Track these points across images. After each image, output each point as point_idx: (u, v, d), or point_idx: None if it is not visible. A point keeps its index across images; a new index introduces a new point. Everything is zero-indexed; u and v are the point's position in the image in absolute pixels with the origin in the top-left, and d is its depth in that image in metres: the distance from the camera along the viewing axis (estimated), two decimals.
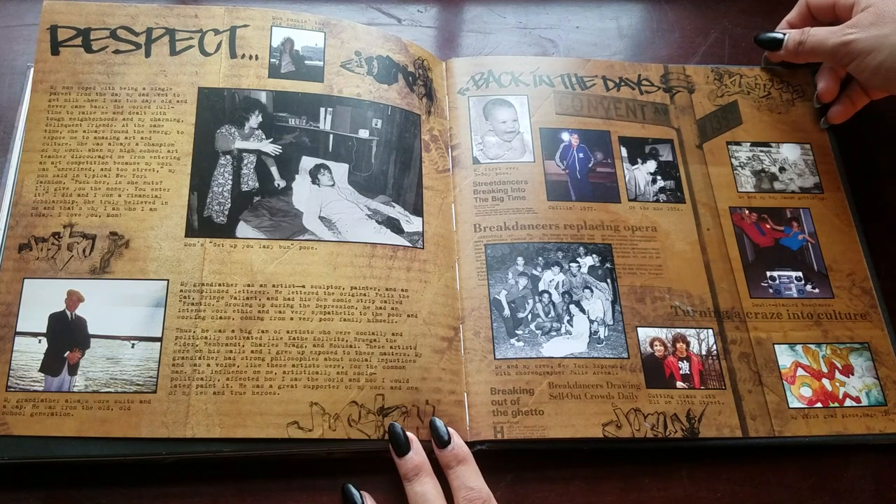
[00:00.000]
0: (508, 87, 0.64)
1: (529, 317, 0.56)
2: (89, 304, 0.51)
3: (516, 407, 0.53)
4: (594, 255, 0.59)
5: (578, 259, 0.58)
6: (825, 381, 0.56)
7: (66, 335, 0.51)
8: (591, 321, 0.56)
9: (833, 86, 0.63)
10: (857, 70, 0.56)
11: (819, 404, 0.55)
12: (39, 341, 0.50)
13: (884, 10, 0.54)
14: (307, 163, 0.57)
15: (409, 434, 0.50)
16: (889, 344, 0.58)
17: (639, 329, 0.56)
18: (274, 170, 0.57)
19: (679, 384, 0.55)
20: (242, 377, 0.51)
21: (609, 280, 0.58)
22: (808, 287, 0.59)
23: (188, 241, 0.54)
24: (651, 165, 0.63)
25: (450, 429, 0.51)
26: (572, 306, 0.57)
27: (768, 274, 0.59)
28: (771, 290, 0.59)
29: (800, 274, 0.60)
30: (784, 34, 0.63)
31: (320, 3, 0.70)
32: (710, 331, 0.57)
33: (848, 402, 0.55)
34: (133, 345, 0.51)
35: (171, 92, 0.57)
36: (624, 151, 0.63)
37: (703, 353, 0.56)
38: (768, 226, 0.61)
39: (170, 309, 0.52)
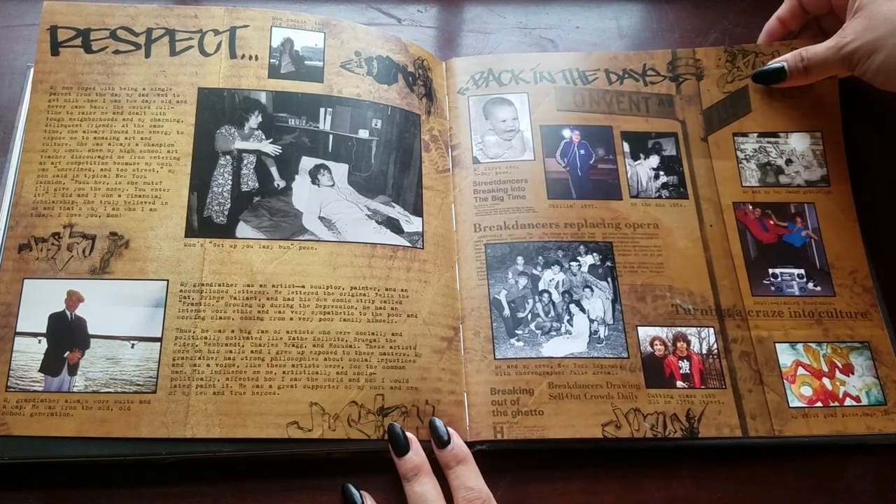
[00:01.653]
0: (509, 86, 0.64)
1: (529, 316, 0.56)
2: (89, 305, 0.51)
3: (516, 407, 0.53)
4: (595, 254, 0.59)
5: (579, 258, 0.58)
6: (825, 381, 0.56)
7: (66, 335, 0.51)
8: (592, 320, 0.56)
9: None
10: (861, 72, 0.58)
11: (819, 403, 0.55)
12: (39, 341, 0.50)
13: (875, 13, 0.56)
14: (307, 163, 0.57)
15: (408, 434, 0.50)
16: (889, 343, 0.57)
17: (639, 328, 0.56)
18: (274, 170, 0.57)
19: (679, 384, 0.55)
20: (242, 377, 0.51)
21: (609, 279, 0.58)
22: (810, 285, 0.59)
23: (188, 241, 0.54)
24: (654, 161, 0.62)
25: (449, 429, 0.51)
26: (572, 306, 0.57)
27: (770, 271, 0.59)
28: (773, 288, 0.59)
29: (802, 271, 0.59)
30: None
31: (320, 4, 0.70)
32: (711, 329, 0.57)
33: (848, 402, 0.55)
34: (133, 345, 0.51)
35: (171, 92, 0.57)
36: (626, 147, 0.63)
37: (704, 351, 0.56)
38: (772, 222, 0.61)
39: (169, 309, 0.52)
